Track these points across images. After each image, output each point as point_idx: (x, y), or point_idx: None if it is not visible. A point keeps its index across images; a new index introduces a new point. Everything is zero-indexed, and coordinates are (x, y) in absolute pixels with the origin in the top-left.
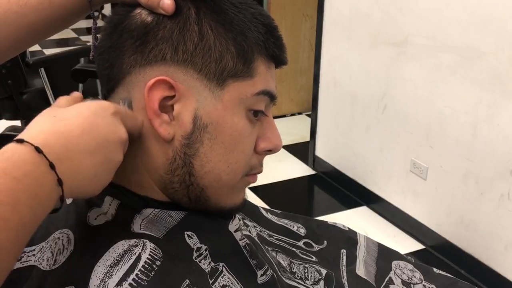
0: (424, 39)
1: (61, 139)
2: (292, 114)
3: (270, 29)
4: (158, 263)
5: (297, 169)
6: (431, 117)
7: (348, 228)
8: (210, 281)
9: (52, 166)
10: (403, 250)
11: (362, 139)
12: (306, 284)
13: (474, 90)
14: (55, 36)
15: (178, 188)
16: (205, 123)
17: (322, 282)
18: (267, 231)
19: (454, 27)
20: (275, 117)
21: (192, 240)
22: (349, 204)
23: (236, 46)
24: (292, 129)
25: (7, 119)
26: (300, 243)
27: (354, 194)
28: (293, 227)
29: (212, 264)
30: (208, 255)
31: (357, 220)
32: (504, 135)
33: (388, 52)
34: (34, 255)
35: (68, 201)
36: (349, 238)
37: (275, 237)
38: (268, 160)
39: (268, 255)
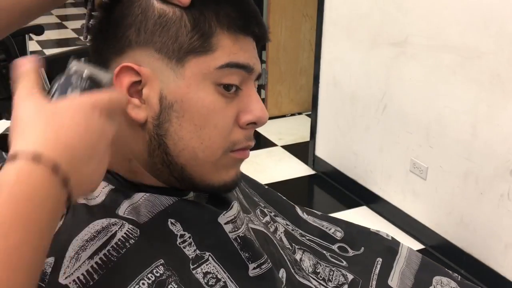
0: (424, 39)
1: (67, 151)
2: (292, 114)
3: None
4: (132, 241)
5: (297, 169)
6: (431, 117)
7: (392, 237)
8: (191, 267)
9: (66, 184)
10: None
11: (362, 139)
12: (327, 285)
13: (474, 90)
14: (55, 36)
15: (162, 169)
16: (171, 102)
17: (346, 287)
18: (300, 230)
19: (454, 27)
20: (275, 117)
21: (175, 227)
22: (349, 204)
23: (191, 21)
24: (292, 129)
25: (7, 119)
26: (334, 247)
27: (354, 194)
28: (330, 230)
29: (198, 252)
30: (193, 243)
31: (357, 220)
32: (504, 135)
33: (388, 52)
34: None
35: None
36: (389, 248)
37: (307, 237)
38: (268, 160)
39: (282, 252)
